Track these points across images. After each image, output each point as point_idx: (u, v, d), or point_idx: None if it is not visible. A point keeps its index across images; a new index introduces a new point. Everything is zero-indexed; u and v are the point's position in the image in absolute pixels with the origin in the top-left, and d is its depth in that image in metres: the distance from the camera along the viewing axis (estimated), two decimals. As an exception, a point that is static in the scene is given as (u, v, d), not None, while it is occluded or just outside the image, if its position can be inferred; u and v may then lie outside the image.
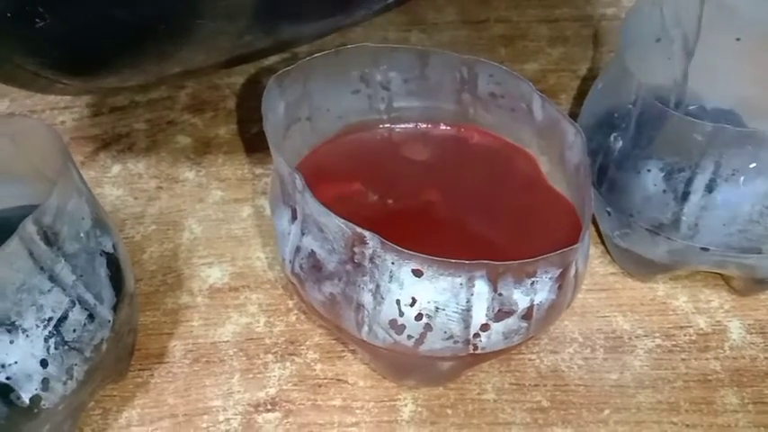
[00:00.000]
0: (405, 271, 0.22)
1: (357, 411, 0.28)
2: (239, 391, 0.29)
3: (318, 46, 0.36)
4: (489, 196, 0.29)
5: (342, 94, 0.31)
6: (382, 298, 0.23)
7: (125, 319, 0.27)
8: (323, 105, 0.30)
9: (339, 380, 0.29)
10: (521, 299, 0.23)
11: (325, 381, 0.29)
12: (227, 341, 0.31)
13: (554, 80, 0.42)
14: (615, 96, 0.28)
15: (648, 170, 0.27)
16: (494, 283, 0.22)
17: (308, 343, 0.30)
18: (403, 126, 0.32)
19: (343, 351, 0.30)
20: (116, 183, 0.37)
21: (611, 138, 0.28)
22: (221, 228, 0.35)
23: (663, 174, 0.27)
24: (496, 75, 0.29)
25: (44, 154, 0.27)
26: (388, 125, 0.32)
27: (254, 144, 0.39)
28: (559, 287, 0.23)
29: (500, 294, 0.22)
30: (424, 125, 0.32)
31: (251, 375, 0.29)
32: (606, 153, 0.28)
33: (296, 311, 0.31)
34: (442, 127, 0.31)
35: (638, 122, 0.27)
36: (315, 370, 0.30)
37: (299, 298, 0.27)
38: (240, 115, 0.41)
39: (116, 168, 0.38)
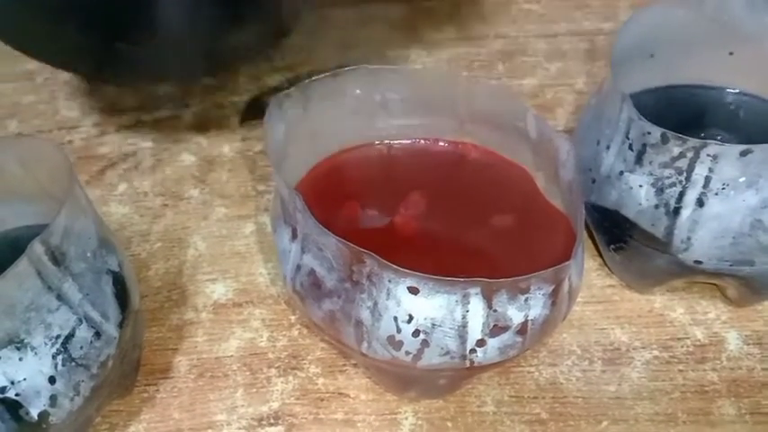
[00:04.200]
0: (401, 288, 0.23)
1: (359, 425, 0.29)
2: (243, 406, 0.29)
3: (318, 67, 0.37)
4: (487, 212, 0.30)
5: (341, 115, 0.31)
6: (380, 315, 0.24)
7: (130, 336, 0.27)
8: (322, 125, 0.31)
9: (341, 393, 0.30)
10: (515, 315, 0.23)
11: (327, 394, 0.30)
12: (231, 356, 0.31)
13: (551, 95, 0.43)
14: (606, 112, 0.29)
15: (640, 185, 0.28)
16: (488, 299, 0.23)
17: (310, 357, 0.31)
18: (401, 143, 0.32)
19: (344, 365, 0.31)
20: (122, 201, 0.38)
21: (604, 153, 0.29)
22: (225, 244, 0.36)
23: (654, 189, 0.27)
24: (492, 92, 0.29)
25: (52, 174, 0.27)
26: (386, 143, 0.32)
27: (257, 162, 0.40)
28: (553, 303, 0.24)
29: (495, 311, 0.23)
30: (422, 142, 0.32)
31: (254, 390, 0.30)
32: (599, 168, 0.29)
33: (298, 326, 0.32)
34: (440, 144, 0.32)
35: (627, 138, 0.27)
36: (317, 384, 0.30)
37: (301, 313, 0.28)
38: (244, 134, 0.42)
39: (122, 187, 0.39)
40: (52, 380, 0.24)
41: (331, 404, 0.29)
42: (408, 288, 0.23)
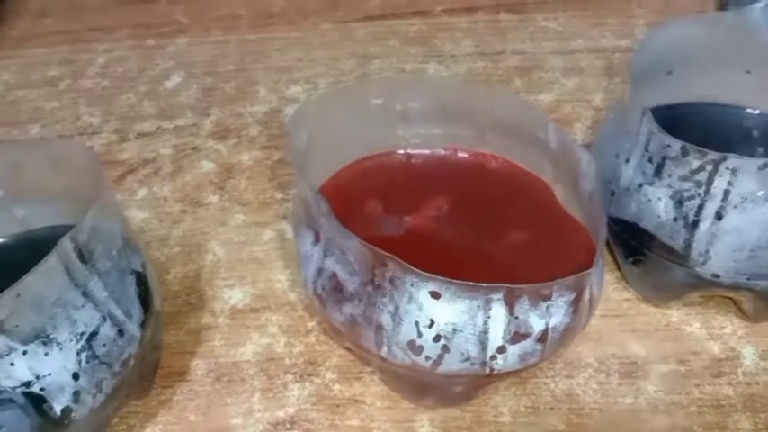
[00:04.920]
0: (423, 293, 0.23)
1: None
2: (259, 410, 0.30)
3: (337, 79, 0.37)
4: (506, 222, 0.30)
5: (362, 123, 0.32)
6: (401, 319, 0.24)
7: (150, 337, 0.28)
8: (343, 134, 0.31)
9: (357, 400, 0.30)
10: (536, 322, 0.23)
11: (343, 401, 0.30)
12: (248, 361, 0.31)
13: (569, 110, 0.43)
14: (626, 125, 0.29)
15: (659, 198, 0.28)
16: (510, 305, 0.23)
17: (326, 364, 0.31)
18: (421, 152, 0.33)
19: (360, 372, 0.31)
20: (142, 206, 0.39)
21: (623, 166, 0.29)
22: (243, 250, 0.36)
23: (673, 202, 0.28)
24: (512, 103, 0.30)
25: (78, 175, 0.28)
26: (406, 151, 0.33)
27: (276, 171, 0.40)
28: (574, 311, 0.24)
29: (516, 317, 0.23)
30: (442, 152, 0.33)
31: (271, 394, 0.30)
32: (618, 181, 0.29)
33: (315, 333, 0.32)
34: (460, 154, 0.32)
35: (647, 151, 0.28)
36: (333, 390, 0.30)
37: (321, 317, 0.28)
38: (262, 143, 0.42)
39: (142, 192, 0.39)
40: (76, 376, 0.24)
41: (347, 410, 0.30)
42: (430, 292, 0.23)
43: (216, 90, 0.46)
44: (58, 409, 0.24)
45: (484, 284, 0.22)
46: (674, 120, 0.34)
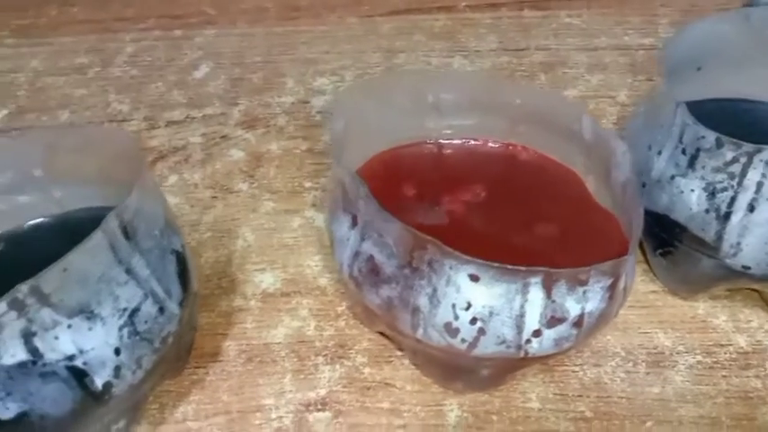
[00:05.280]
0: (462, 275, 0.24)
1: (405, 414, 0.29)
2: (291, 391, 0.30)
3: (363, 72, 0.37)
4: (537, 213, 0.30)
5: (394, 113, 0.32)
6: (438, 301, 0.24)
7: (188, 317, 0.28)
8: (377, 122, 0.32)
9: (387, 384, 0.30)
10: (573, 306, 0.24)
11: (374, 384, 0.30)
12: (279, 343, 0.32)
13: (593, 106, 0.43)
14: (659, 118, 0.29)
15: (692, 190, 0.28)
16: (548, 290, 0.23)
17: (356, 347, 0.32)
18: (452, 143, 0.33)
19: (390, 357, 0.31)
20: (173, 191, 0.39)
21: (655, 158, 0.29)
22: (273, 236, 0.37)
23: (706, 193, 0.28)
24: (545, 95, 0.30)
25: (116, 159, 0.28)
26: (437, 142, 0.33)
27: (305, 160, 0.41)
28: (610, 297, 0.24)
29: (553, 301, 0.24)
30: (474, 142, 0.33)
31: (302, 376, 0.31)
32: (650, 173, 0.30)
33: (345, 317, 0.33)
34: (491, 145, 0.33)
35: (680, 142, 0.28)
36: (363, 373, 0.31)
37: (354, 301, 0.29)
38: (290, 132, 0.43)
39: (173, 178, 0.40)
40: (117, 351, 0.25)
41: (377, 393, 0.30)
42: (469, 275, 0.23)
43: (243, 80, 0.47)
44: (99, 383, 0.24)
45: (523, 268, 0.23)
46: (703, 115, 0.34)
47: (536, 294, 0.23)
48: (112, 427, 0.27)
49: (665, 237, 0.30)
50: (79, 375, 0.24)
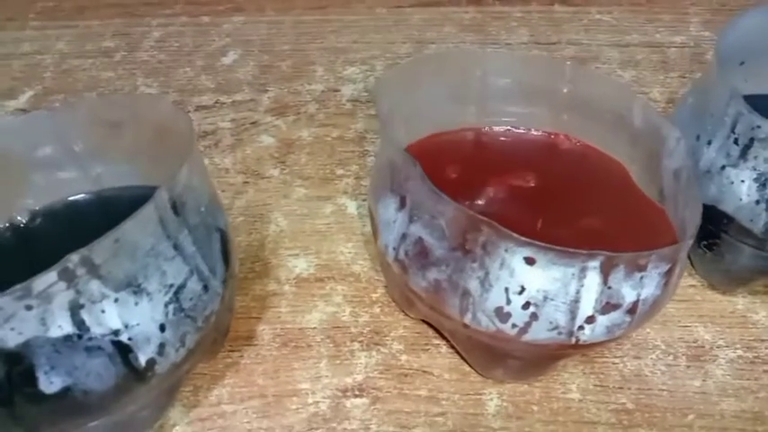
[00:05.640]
0: (517, 258, 0.23)
1: (443, 402, 0.29)
2: (327, 376, 0.30)
3: (392, 61, 0.36)
4: (581, 202, 0.30)
5: (438, 97, 0.32)
6: (490, 285, 0.24)
7: (228, 298, 0.28)
8: (419, 107, 0.32)
9: (425, 371, 0.30)
10: (628, 293, 0.23)
11: (411, 371, 0.30)
12: (315, 328, 0.31)
13: (626, 101, 0.43)
14: (709, 107, 0.29)
15: (742, 180, 0.28)
16: (605, 275, 0.23)
17: (392, 334, 0.31)
18: (496, 129, 0.33)
19: (427, 345, 0.31)
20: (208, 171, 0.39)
21: (704, 148, 0.29)
22: (305, 222, 0.36)
23: (757, 184, 0.28)
24: (598, 79, 0.30)
25: (160, 132, 0.28)
26: (481, 128, 0.33)
27: (335, 147, 0.40)
28: (665, 283, 0.24)
29: (609, 287, 0.23)
30: (516, 129, 0.33)
31: (338, 362, 0.30)
32: (698, 163, 0.29)
33: (380, 304, 0.32)
34: (534, 132, 0.33)
35: (733, 132, 0.28)
36: (400, 360, 0.30)
37: (394, 284, 0.28)
38: (321, 120, 0.42)
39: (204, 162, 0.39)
40: (162, 328, 0.24)
41: (415, 380, 0.30)
42: (525, 258, 0.23)
43: (273, 68, 0.47)
44: (143, 360, 0.24)
45: (583, 251, 0.22)
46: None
47: (593, 279, 0.23)
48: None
49: (711, 228, 0.30)
50: (124, 351, 0.24)
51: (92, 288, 0.22)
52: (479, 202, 0.30)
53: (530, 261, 0.23)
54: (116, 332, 0.23)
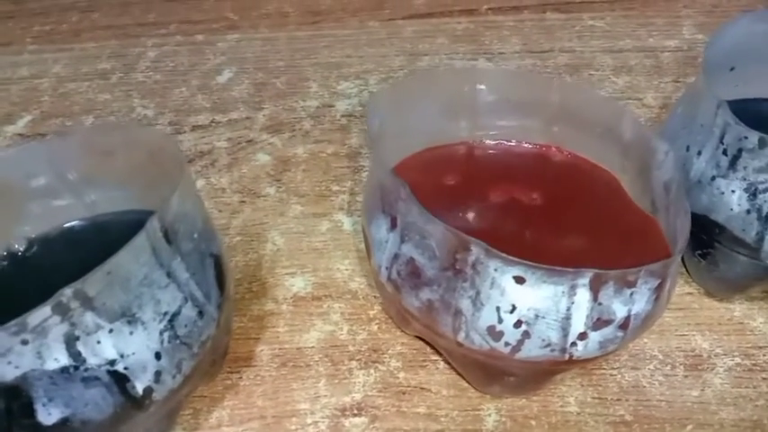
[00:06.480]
0: (507, 278, 0.23)
1: (442, 419, 0.29)
2: (326, 396, 0.30)
3: (386, 75, 0.37)
4: (572, 214, 0.30)
5: (429, 113, 0.32)
6: (482, 304, 0.24)
7: (224, 321, 0.28)
8: (411, 123, 0.32)
9: (423, 388, 0.30)
10: (619, 309, 0.23)
11: (409, 388, 0.30)
12: (313, 347, 0.32)
13: (620, 108, 0.43)
14: (698, 118, 0.29)
15: (732, 191, 0.28)
16: (595, 291, 0.23)
17: (390, 351, 0.31)
18: (487, 143, 0.33)
19: (425, 361, 0.31)
20: (201, 196, 0.39)
21: (694, 158, 0.29)
22: (302, 240, 0.36)
23: (747, 194, 0.28)
24: (586, 94, 0.30)
25: (152, 159, 0.28)
26: (472, 142, 0.33)
27: (331, 164, 0.41)
28: (656, 298, 0.24)
29: (600, 303, 0.23)
30: (508, 143, 0.33)
31: (336, 381, 0.30)
32: (689, 174, 0.29)
33: (377, 321, 0.32)
34: (525, 145, 0.33)
35: (721, 143, 0.28)
36: (398, 378, 0.30)
37: (389, 304, 0.28)
38: (316, 136, 0.43)
39: (200, 183, 0.40)
40: (158, 356, 0.24)
41: (413, 398, 0.30)
42: (515, 277, 0.23)
43: (267, 85, 0.47)
44: (140, 388, 0.24)
45: (571, 269, 0.22)
46: (736, 116, 0.34)
47: (583, 296, 0.23)
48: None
49: (704, 238, 0.30)
50: (120, 380, 0.24)
51: (86, 320, 0.22)
52: (472, 215, 0.30)
53: (519, 280, 0.23)
54: (112, 362, 0.24)
